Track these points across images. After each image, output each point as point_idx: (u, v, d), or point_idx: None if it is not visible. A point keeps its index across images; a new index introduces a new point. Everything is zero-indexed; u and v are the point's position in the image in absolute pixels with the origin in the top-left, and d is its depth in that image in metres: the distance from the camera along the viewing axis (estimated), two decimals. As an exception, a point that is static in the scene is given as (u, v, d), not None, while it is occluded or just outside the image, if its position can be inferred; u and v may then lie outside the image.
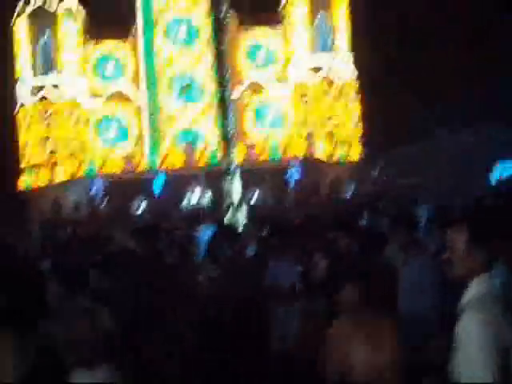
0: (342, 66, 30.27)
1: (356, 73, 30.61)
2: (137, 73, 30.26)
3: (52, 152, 29.18)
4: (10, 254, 8.50)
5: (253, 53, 30.62)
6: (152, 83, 30.03)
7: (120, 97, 29.88)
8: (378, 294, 4.11)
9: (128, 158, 28.04)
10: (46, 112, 29.17)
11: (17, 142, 29.95)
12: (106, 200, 26.87)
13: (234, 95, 17.57)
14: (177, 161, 27.53)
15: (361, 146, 30.34)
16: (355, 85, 30.66)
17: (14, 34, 30.38)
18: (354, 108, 30.60)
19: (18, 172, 29.82)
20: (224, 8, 16.15)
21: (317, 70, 29.87)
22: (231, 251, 8.22)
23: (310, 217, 10.08)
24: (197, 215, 12.39)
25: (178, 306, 6.71)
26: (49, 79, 29.49)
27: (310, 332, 7.37)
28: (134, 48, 30.36)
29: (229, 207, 13.15)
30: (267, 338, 7.17)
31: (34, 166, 29.36)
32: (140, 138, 29.90)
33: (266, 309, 7.43)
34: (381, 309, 3.83)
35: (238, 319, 6.67)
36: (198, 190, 24.88)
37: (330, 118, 29.80)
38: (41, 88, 29.25)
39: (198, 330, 6.16)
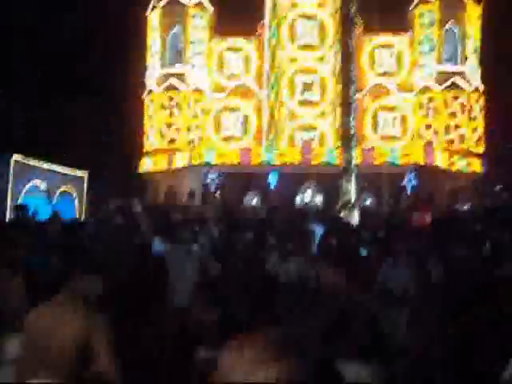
0: (469, 76, 29.35)
1: (482, 85, 29.60)
2: (260, 68, 30.66)
3: (172, 139, 30.14)
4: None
5: (377, 56, 30.25)
6: (275, 79, 30.31)
7: (242, 91, 30.38)
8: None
9: (245, 151, 28.45)
10: (170, 100, 30.16)
11: (142, 126, 31.22)
12: (220, 191, 27.39)
13: (356, 97, 17.44)
14: (293, 157, 27.63)
15: (483, 159, 29.32)
16: (481, 96, 29.66)
17: (147, 24, 31.71)
18: (479, 120, 29.62)
19: (141, 155, 31.06)
20: (353, 8, 16.04)
21: (443, 77, 29.10)
22: (344, 249, 8.21)
23: (427, 224, 9.87)
24: (311, 212, 12.41)
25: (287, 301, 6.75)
26: (176, 69, 30.50)
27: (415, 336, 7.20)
28: (260, 44, 30.79)
29: (344, 207, 13.11)
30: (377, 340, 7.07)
31: (155, 150, 30.45)
32: (259, 132, 30.30)
33: (375, 310, 7.34)
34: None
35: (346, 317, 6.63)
36: (312, 188, 24.89)
37: (452, 128, 28.99)
38: (168, 77, 30.28)
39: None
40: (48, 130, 29.47)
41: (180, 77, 30.16)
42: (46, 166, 14.80)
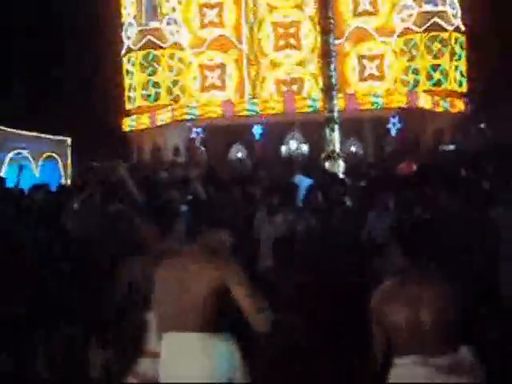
0: (450, 16, 29.05)
1: (463, 25, 29.33)
2: (238, 19, 30.17)
3: (154, 97, 29.84)
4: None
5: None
6: (254, 29, 29.88)
7: (222, 43, 29.94)
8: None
9: (228, 103, 28.24)
10: (149, 57, 29.73)
11: (122, 85, 30.81)
12: (205, 145, 27.39)
13: (337, 43, 17.28)
14: (277, 107, 27.46)
15: (465, 100, 29.29)
16: (462, 37, 29.42)
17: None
18: (460, 61, 29.44)
19: (122, 114, 30.77)
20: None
21: (423, 18, 28.77)
22: (330, 200, 8.26)
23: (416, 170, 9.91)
24: (296, 162, 12.45)
25: (274, 251, 6.82)
26: (153, 25, 29.90)
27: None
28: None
29: (329, 156, 13.12)
30: (362, 288, 7.19)
31: (138, 109, 30.17)
32: (240, 83, 30.01)
33: (363, 259, 7.44)
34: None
35: (334, 268, 6.71)
36: (296, 137, 24.87)
37: (434, 69, 28.84)
38: (145, 33, 29.74)
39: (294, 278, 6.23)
40: (27, 96, 29.10)
41: (157, 33, 29.63)
42: (27, 133, 14.69)
